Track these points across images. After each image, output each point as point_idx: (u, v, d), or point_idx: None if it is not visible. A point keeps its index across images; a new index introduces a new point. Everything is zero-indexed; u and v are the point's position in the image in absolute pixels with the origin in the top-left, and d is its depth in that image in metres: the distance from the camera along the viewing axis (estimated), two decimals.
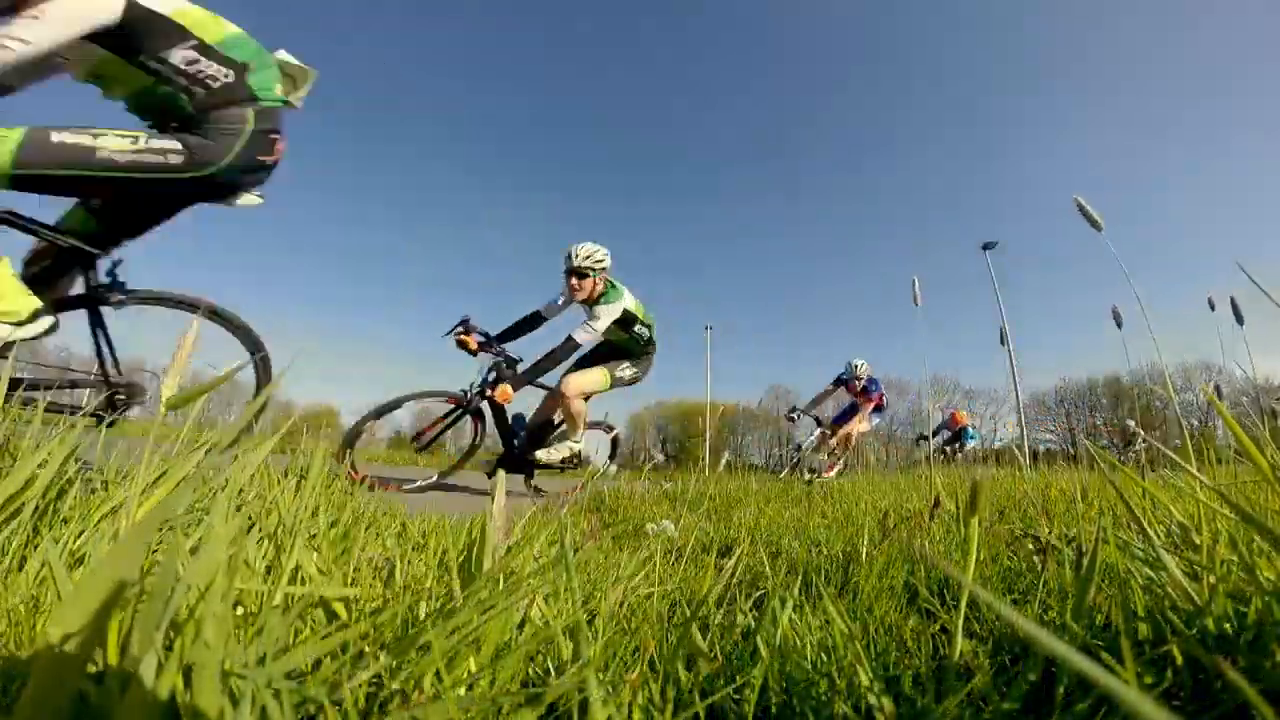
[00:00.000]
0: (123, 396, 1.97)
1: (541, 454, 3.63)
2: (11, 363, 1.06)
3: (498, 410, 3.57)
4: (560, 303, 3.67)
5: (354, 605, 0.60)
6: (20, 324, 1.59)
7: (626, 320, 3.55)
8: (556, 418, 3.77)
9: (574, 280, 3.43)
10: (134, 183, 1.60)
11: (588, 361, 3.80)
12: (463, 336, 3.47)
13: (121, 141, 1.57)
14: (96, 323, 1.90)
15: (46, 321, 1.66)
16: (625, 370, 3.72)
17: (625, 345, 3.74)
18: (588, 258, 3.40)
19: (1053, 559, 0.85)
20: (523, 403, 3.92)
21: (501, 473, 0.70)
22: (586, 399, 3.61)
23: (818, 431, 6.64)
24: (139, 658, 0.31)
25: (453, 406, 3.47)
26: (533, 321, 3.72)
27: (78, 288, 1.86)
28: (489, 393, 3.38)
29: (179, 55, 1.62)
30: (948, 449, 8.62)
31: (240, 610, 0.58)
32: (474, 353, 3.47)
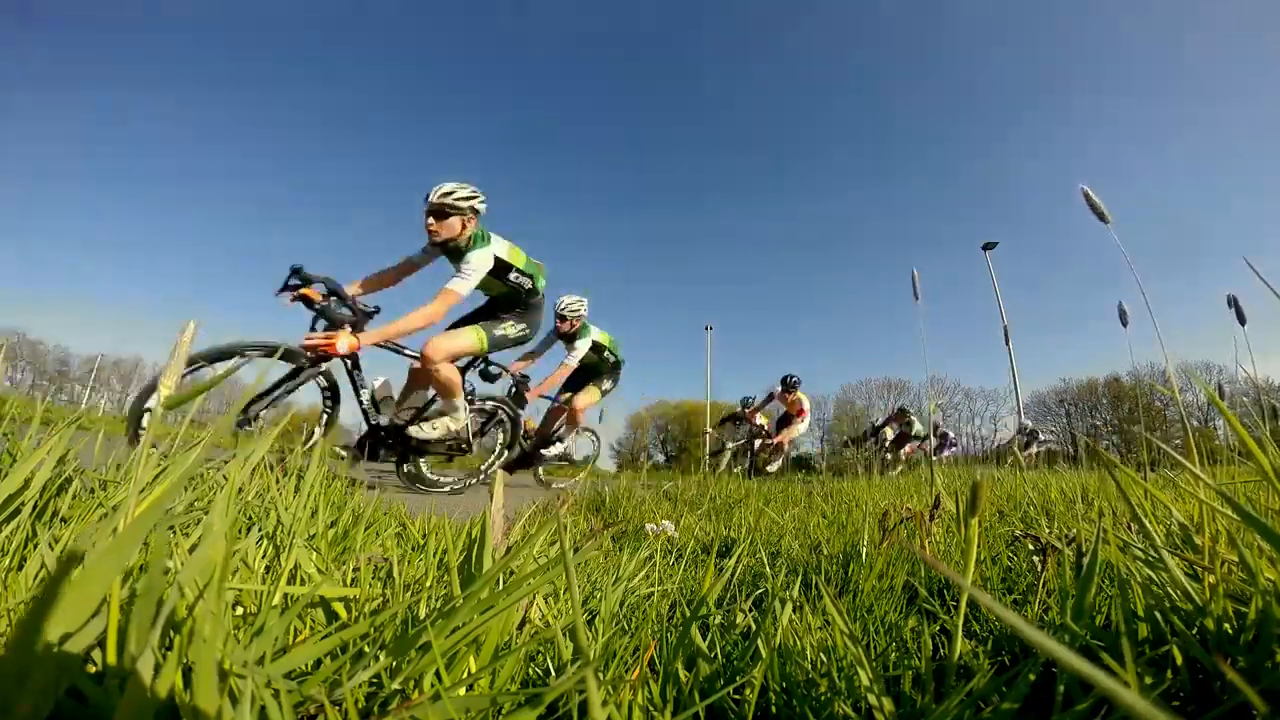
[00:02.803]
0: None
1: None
2: (5, 356, 1.06)
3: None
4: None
5: (354, 605, 0.60)
6: None
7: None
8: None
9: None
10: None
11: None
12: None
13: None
14: None
15: None
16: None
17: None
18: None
19: (1053, 559, 0.85)
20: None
21: (501, 473, 0.69)
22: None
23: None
24: (137, 656, 0.31)
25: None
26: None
27: None
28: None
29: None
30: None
31: (240, 610, 0.58)
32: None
